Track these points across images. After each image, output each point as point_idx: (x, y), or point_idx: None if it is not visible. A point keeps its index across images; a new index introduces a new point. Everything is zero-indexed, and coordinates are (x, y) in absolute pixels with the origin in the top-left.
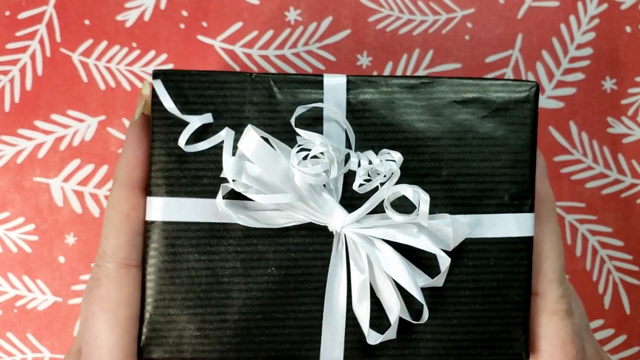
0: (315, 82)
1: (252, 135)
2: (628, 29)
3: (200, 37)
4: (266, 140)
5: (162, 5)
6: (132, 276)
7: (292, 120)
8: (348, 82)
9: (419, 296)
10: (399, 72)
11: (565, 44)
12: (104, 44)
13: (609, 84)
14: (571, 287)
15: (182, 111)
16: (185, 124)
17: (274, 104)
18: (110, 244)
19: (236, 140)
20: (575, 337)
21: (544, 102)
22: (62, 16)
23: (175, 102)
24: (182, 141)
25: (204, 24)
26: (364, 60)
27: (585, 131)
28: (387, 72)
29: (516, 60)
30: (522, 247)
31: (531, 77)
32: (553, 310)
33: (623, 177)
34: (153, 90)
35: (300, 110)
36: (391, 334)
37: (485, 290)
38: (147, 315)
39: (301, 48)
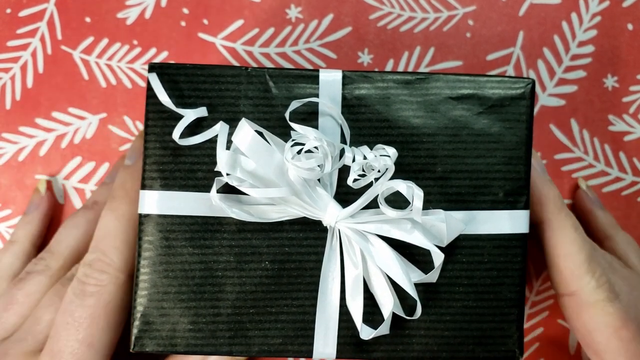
0: (310, 76)
1: (246, 129)
2: (630, 27)
3: (201, 35)
4: (260, 134)
5: (163, 3)
6: (130, 286)
7: (287, 115)
8: (344, 77)
9: (412, 292)
10: (400, 70)
11: (566, 41)
12: (104, 41)
13: (610, 82)
14: (609, 263)
15: (177, 105)
16: (180, 117)
17: (269, 98)
18: (124, 255)
19: (231, 134)
20: (627, 320)
21: (545, 100)
22: (63, 14)
23: (170, 96)
24: (176, 134)
25: (205, 22)
26: (365, 58)
27: (587, 129)
28: (388, 69)
29: (517, 57)
30: (516, 244)
31: (532, 75)
32: (592, 304)
33: (624, 175)
34: (148, 84)
35: (295, 104)
36: (384, 329)
37: (478, 287)
38: (140, 308)
39: (302, 45)
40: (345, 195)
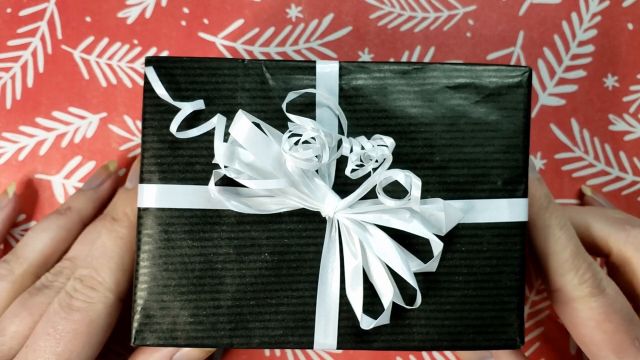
0: (307, 68)
1: (243, 121)
2: (630, 26)
3: (202, 34)
4: (258, 126)
5: (163, 3)
6: (117, 308)
7: (284, 106)
8: (340, 68)
9: (412, 281)
10: None
11: (566, 41)
12: (105, 41)
13: (610, 81)
14: (593, 264)
15: (174, 98)
16: (177, 110)
17: (266, 90)
18: (116, 277)
19: (228, 126)
20: (610, 313)
21: (545, 99)
22: (63, 13)
23: (167, 89)
24: (173, 127)
25: (205, 21)
26: (365, 57)
27: (587, 128)
28: None
29: (518, 57)
30: (516, 232)
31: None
32: (575, 299)
33: (624, 174)
34: (145, 77)
35: (292, 95)
36: (384, 319)
37: (478, 276)
38: (140, 302)
39: (302, 45)
40: (343, 186)
